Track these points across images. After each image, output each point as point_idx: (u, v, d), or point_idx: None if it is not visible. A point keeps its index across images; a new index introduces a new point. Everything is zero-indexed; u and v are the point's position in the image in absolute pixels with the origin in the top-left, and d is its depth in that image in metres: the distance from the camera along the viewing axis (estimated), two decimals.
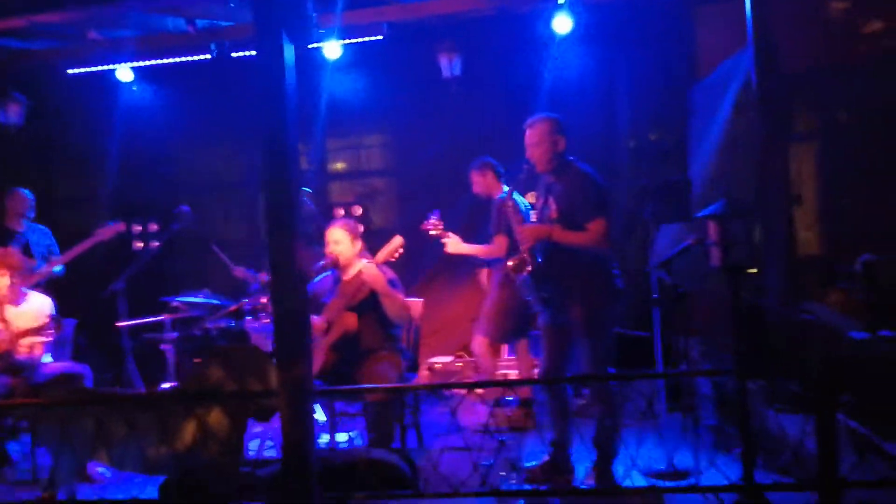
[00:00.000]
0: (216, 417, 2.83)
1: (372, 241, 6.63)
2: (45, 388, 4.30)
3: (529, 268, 3.50)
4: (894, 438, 2.89)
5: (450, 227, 5.00)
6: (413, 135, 6.92)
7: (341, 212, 6.65)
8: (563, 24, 6.32)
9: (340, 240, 4.20)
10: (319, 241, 6.43)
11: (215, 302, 5.72)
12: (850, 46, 6.04)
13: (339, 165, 7.46)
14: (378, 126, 7.19)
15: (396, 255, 4.03)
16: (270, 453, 4.22)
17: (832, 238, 5.97)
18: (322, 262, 4.33)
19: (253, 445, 4.33)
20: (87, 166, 7.05)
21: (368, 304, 4.11)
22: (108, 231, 5.58)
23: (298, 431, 2.63)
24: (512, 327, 4.79)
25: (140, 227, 6.92)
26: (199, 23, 5.42)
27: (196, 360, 5.59)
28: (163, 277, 6.53)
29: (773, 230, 4.03)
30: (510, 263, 3.58)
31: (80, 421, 2.88)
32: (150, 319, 5.63)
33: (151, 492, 2.99)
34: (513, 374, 5.32)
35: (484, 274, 5.06)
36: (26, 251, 5.39)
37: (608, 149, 6.59)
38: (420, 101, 6.70)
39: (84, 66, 6.18)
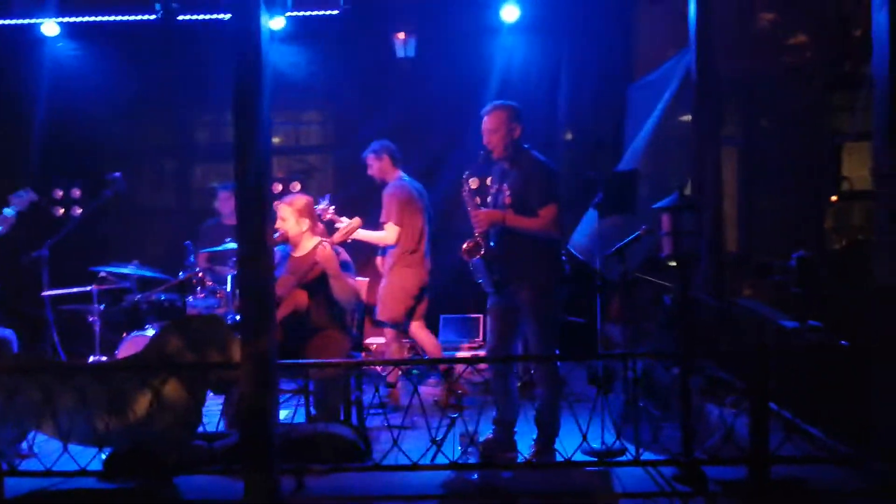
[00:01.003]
0: (173, 389, 2.78)
1: None
2: None
3: (483, 251, 3.59)
4: (817, 422, 3.15)
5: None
6: (354, 112, 6.87)
7: (279, 187, 6.55)
8: (511, 13, 6.47)
9: (285, 216, 4.18)
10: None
11: (147, 273, 5.54)
12: (775, 56, 6.45)
13: (276, 140, 7.33)
14: (319, 102, 7.10)
15: (350, 236, 4.04)
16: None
17: (751, 235, 6.39)
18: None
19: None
20: (8, 126, 6.63)
21: (319, 283, 4.10)
22: (22, 201, 5.28)
23: (261, 404, 2.64)
24: (406, 310, 4.90)
25: (62, 193, 6.60)
26: None
27: (123, 335, 5.43)
28: (88, 246, 6.25)
29: (705, 225, 4.25)
30: (465, 246, 3.66)
31: (26, 390, 2.77)
32: (76, 290, 5.40)
33: (96, 465, 2.93)
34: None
35: (379, 261, 5.15)
36: None
37: (547, 138, 6.76)
38: (364, 79, 6.67)
39: (11, 18, 5.80)
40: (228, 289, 5.11)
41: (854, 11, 5.52)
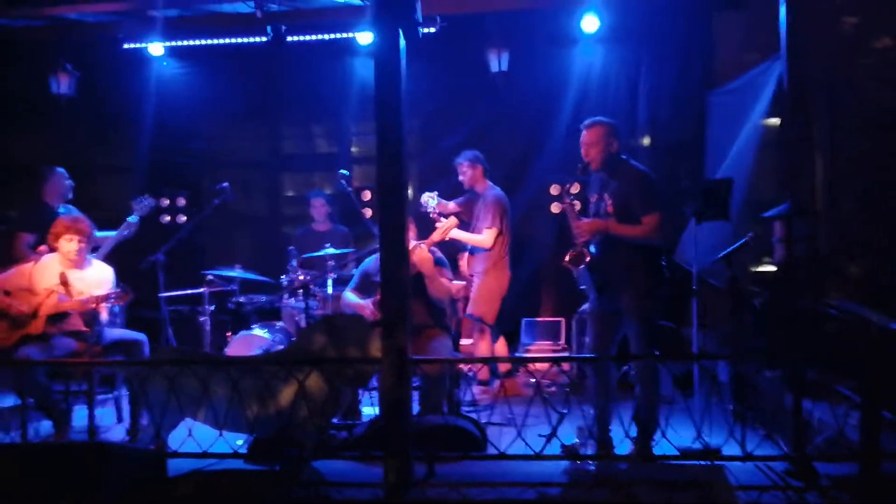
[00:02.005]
0: (314, 381, 3.07)
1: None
2: (109, 354, 4.49)
3: (587, 260, 3.79)
4: None
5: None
6: (437, 124, 7.13)
7: (368, 194, 6.87)
8: (590, 23, 6.63)
9: None
10: (353, 222, 6.70)
11: (250, 276, 5.91)
12: (859, 59, 6.43)
13: (360, 149, 7.65)
14: (405, 111, 7.38)
15: (447, 235, 4.30)
16: None
17: (836, 240, 6.38)
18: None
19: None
20: (124, 139, 7.16)
21: (416, 284, 4.36)
22: (143, 207, 5.70)
23: (399, 395, 2.90)
24: (497, 312, 5.22)
25: (168, 202, 7.05)
26: (263, 6, 5.60)
27: (228, 333, 5.81)
28: (192, 251, 6.68)
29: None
30: (568, 257, 3.87)
31: (186, 380, 3.09)
32: (190, 292, 5.80)
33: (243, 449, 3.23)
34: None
35: (464, 259, 5.40)
36: None
37: (627, 145, 6.89)
38: (448, 92, 6.93)
39: (137, 42, 6.29)
40: (329, 291, 5.43)
41: None
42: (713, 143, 6.35)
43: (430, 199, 5.24)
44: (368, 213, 6.78)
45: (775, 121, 4.82)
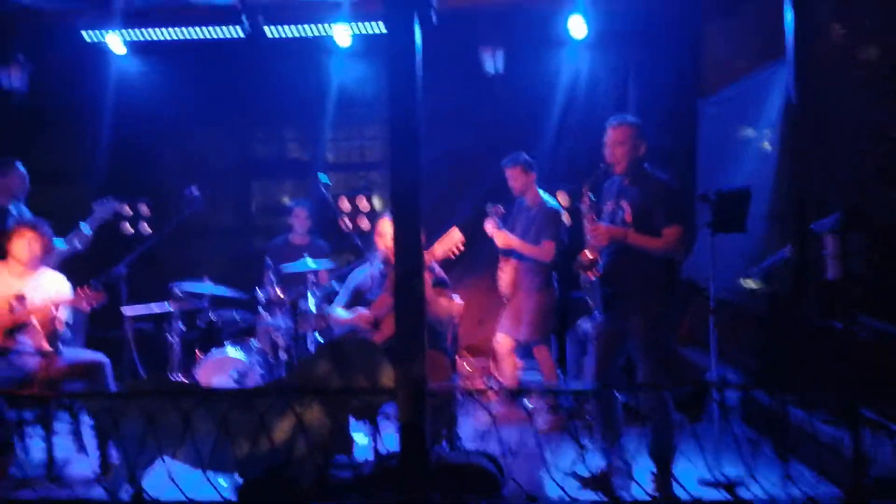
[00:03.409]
0: (314, 414, 2.70)
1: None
2: (69, 375, 4.05)
3: (599, 267, 3.50)
4: None
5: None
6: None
7: (347, 204, 6.50)
8: (578, 29, 6.41)
9: (389, 232, 4.09)
10: (332, 231, 6.31)
11: (222, 291, 5.48)
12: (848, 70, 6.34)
13: (335, 156, 7.27)
14: (383, 117, 7.04)
15: (455, 251, 3.95)
16: None
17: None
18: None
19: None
20: (79, 140, 6.63)
21: None
22: (106, 208, 5.22)
23: (416, 429, 2.55)
24: (551, 328, 4.86)
25: (129, 209, 6.55)
26: None
27: (196, 352, 5.36)
28: (158, 263, 6.20)
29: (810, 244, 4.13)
30: (581, 260, 3.57)
31: (164, 414, 2.69)
32: (156, 308, 5.34)
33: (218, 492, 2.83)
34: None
35: (508, 270, 5.01)
36: None
37: None
38: (432, 96, 6.60)
39: (98, 30, 5.80)
40: (312, 309, 5.04)
41: None
42: (706, 152, 6.19)
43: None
44: (346, 224, 6.41)
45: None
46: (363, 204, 6.52)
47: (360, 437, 3.96)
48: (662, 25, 6.45)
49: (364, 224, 6.37)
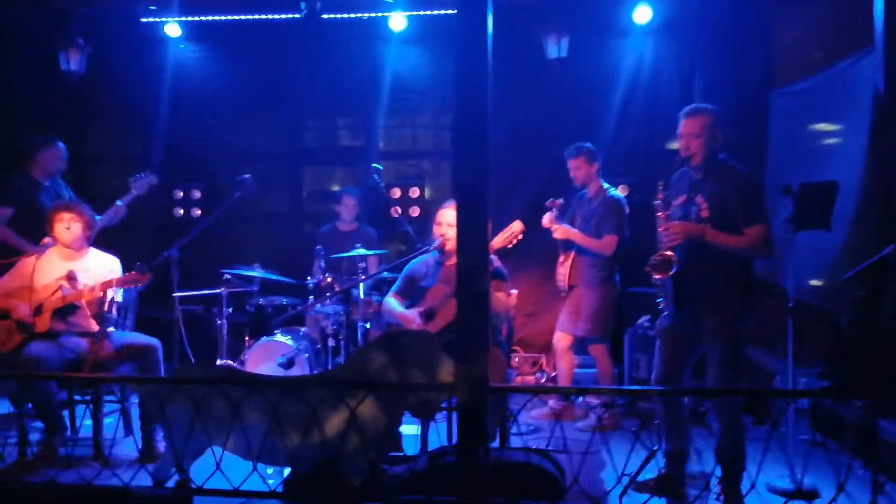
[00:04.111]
0: (368, 409, 2.58)
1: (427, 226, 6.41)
2: (119, 358, 4.02)
3: (675, 268, 3.28)
4: None
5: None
6: None
7: (397, 192, 6.36)
8: (643, 14, 6.16)
9: (454, 222, 3.92)
10: (385, 219, 6.21)
11: (272, 277, 5.43)
12: None
13: (387, 144, 7.14)
14: (435, 105, 6.90)
15: (514, 242, 3.80)
16: None
17: None
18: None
19: None
20: (135, 125, 6.64)
21: None
22: (142, 184, 5.22)
23: (476, 432, 2.41)
24: (611, 325, 4.67)
25: (182, 194, 6.54)
26: None
27: (246, 339, 5.32)
28: (209, 248, 6.18)
29: None
30: (652, 262, 3.36)
31: (214, 402, 2.61)
32: (207, 292, 5.31)
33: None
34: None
35: (567, 264, 4.81)
36: None
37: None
38: (499, 82, 6.42)
39: (156, 16, 5.78)
40: (361, 296, 4.94)
41: None
42: (777, 147, 5.88)
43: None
44: (397, 211, 6.30)
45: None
46: (414, 192, 6.36)
47: (407, 428, 3.86)
48: (731, 12, 6.14)
49: (415, 213, 6.23)
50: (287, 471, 2.84)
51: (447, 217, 3.93)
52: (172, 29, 6.34)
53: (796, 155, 5.35)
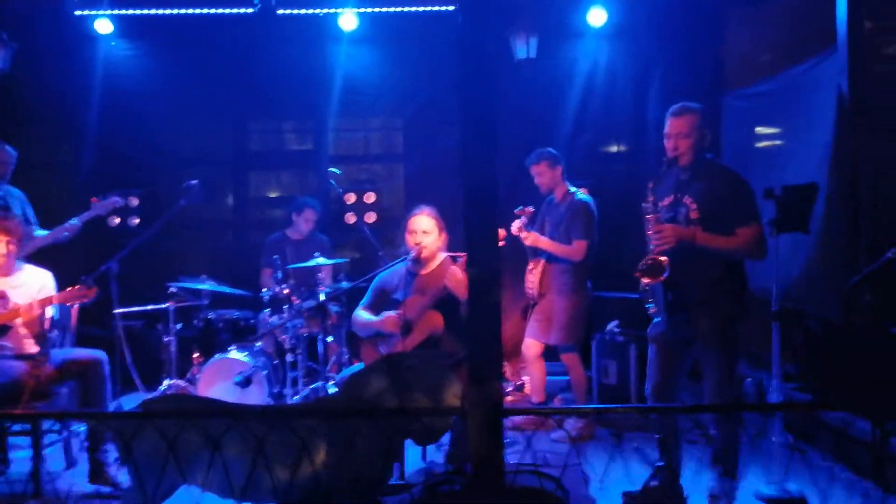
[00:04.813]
0: (365, 437, 2.36)
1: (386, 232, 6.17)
2: (60, 377, 3.64)
3: (666, 273, 3.18)
4: None
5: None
6: (429, 120, 6.44)
7: (353, 197, 6.10)
8: (597, 17, 6.13)
9: (429, 230, 3.74)
10: (338, 225, 5.94)
11: (223, 289, 5.09)
12: None
13: (339, 148, 6.87)
14: (389, 108, 6.67)
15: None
16: None
17: None
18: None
19: None
20: (67, 127, 6.15)
21: (447, 305, 3.68)
22: (107, 205, 4.87)
23: (491, 456, 2.22)
24: (583, 333, 4.57)
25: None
26: None
27: (195, 356, 4.97)
28: (149, 259, 5.76)
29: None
30: (642, 266, 3.24)
31: (188, 436, 2.33)
32: (152, 307, 4.93)
33: None
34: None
35: (537, 271, 4.67)
36: None
37: (635, 147, 6.43)
38: (443, 83, 6.25)
39: (89, 9, 5.34)
40: (313, 304, 4.68)
41: None
42: (731, 150, 5.93)
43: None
44: (352, 218, 6.04)
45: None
46: (370, 198, 6.11)
47: None
48: (684, 15, 6.17)
49: (370, 218, 5.99)
50: None
51: (421, 224, 3.73)
52: (104, 25, 5.92)
53: (752, 158, 5.40)
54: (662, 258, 3.18)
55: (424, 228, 3.72)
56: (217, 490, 2.46)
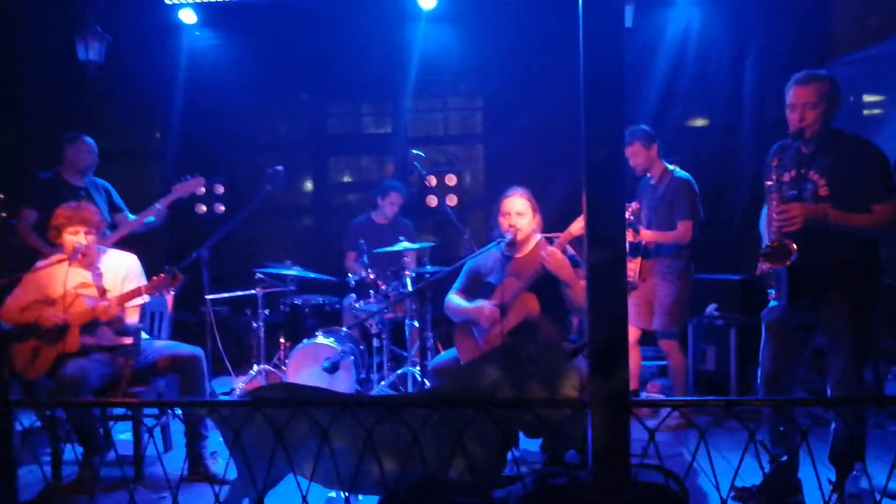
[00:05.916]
0: (477, 428, 2.24)
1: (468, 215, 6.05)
2: (158, 370, 3.66)
3: (793, 257, 2.91)
4: None
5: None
6: (509, 100, 6.26)
7: (434, 180, 5.99)
8: None
9: (524, 211, 3.59)
10: (420, 209, 5.86)
11: (308, 275, 5.07)
12: None
13: (418, 130, 6.77)
14: (467, 86, 6.52)
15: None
16: None
17: None
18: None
19: None
20: (152, 118, 6.27)
21: (546, 291, 3.52)
22: (186, 187, 4.84)
23: (616, 451, 2.08)
24: (687, 318, 4.34)
25: (203, 189, 6.14)
26: None
27: (282, 342, 4.97)
28: (235, 246, 5.82)
29: None
30: (768, 250, 2.98)
31: (295, 426, 2.26)
32: (241, 293, 4.95)
33: None
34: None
35: (636, 259, 4.43)
36: None
37: (729, 122, 6.08)
38: (525, 62, 6.05)
39: None
40: (410, 291, 4.60)
41: None
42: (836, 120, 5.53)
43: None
44: (433, 201, 5.95)
45: None
46: (451, 180, 5.99)
47: None
48: None
49: (452, 201, 5.87)
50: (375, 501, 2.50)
51: (515, 206, 3.58)
52: (188, 15, 5.99)
53: (852, 128, 5.00)
54: (790, 243, 2.92)
55: (519, 210, 3.56)
56: (322, 480, 2.39)
